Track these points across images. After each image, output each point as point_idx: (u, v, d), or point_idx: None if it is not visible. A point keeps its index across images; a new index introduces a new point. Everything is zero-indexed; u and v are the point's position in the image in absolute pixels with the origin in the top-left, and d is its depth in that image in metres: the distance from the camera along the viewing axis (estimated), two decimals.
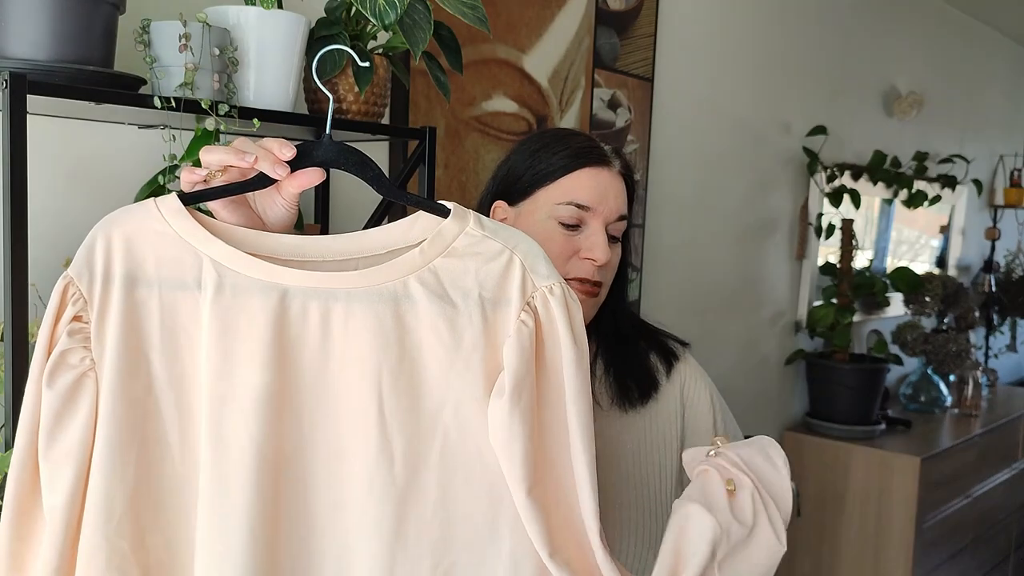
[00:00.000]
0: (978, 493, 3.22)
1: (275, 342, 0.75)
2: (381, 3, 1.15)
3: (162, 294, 0.75)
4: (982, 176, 4.27)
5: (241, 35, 1.19)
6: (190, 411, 0.75)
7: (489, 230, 0.81)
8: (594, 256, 1.07)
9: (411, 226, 0.82)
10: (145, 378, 0.75)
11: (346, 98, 1.32)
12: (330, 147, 0.81)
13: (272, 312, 0.75)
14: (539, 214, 1.10)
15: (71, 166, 1.33)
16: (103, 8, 1.08)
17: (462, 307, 0.78)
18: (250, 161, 0.78)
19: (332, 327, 0.76)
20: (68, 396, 0.73)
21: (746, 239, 2.95)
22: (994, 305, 4.34)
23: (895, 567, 2.85)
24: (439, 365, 0.77)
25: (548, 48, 2.13)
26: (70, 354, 0.73)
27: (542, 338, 0.79)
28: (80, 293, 0.73)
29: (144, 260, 0.75)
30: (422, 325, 0.77)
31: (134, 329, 0.74)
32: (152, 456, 0.75)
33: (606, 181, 1.10)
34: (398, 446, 0.76)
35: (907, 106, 3.59)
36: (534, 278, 0.79)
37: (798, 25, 3.05)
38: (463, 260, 0.79)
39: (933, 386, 3.47)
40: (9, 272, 0.99)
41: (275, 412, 0.75)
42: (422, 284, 0.78)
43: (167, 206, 0.77)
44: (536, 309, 0.79)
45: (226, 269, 0.75)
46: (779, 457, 0.90)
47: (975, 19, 4.20)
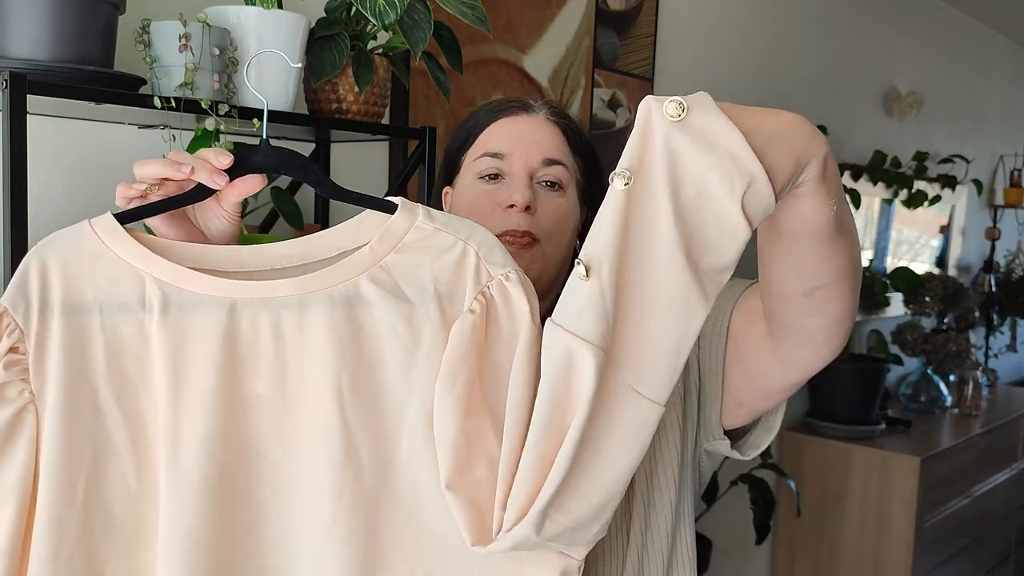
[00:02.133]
0: (978, 493, 3.22)
1: (227, 357, 0.73)
2: (381, 3, 1.15)
3: (104, 318, 0.72)
4: (982, 176, 4.27)
5: (241, 35, 1.19)
6: (144, 434, 0.73)
7: (440, 222, 0.78)
8: (513, 200, 0.99)
9: (359, 225, 0.79)
10: (92, 405, 0.72)
11: (346, 98, 1.32)
12: (268, 152, 0.79)
13: (222, 327, 0.73)
14: (465, 179, 1.05)
15: (71, 166, 1.33)
16: (103, 8, 1.08)
17: (418, 303, 0.75)
18: (186, 172, 0.76)
19: (285, 336, 0.74)
20: (6, 432, 0.69)
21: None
22: (994, 305, 4.34)
23: (895, 567, 2.85)
24: (399, 364, 0.75)
25: (548, 48, 2.13)
26: (7, 388, 0.70)
27: (496, 324, 0.76)
28: (16, 323, 0.70)
29: (82, 284, 0.72)
30: (378, 325, 0.75)
31: (77, 356, 0.71)
32: (105, 483, 0.72)
33: (524, 125, 1.03)
34: (365, 451, 0.74)
35: (907, 106, 3.59)
36: (489, 268, 0.77)
37: (798, 25, 3.05)
38: (416, 254, 0.77)
39: (933, 386, 3.47)
40: (9, 272, 0.99)
41: (232, 428, 0.73)
42: (375, 283, 0.75)
43: (102, 226, 0.74)
44: (491, 297, 0.76)
45: (170, 287, 0.73)
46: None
47: (975, 19, 4.20)
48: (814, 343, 0.86)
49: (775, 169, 0.66)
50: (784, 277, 0.81)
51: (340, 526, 0.74)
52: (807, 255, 0.77)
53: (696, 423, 1.02)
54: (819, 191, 0.70)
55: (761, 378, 0.94)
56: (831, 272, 0.78)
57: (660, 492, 1.01)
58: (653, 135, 0.65)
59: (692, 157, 0.64)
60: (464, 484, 0.73)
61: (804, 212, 0.72)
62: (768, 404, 0.98)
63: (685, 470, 1.02)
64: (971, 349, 3.47)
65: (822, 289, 0.79)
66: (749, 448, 1.02)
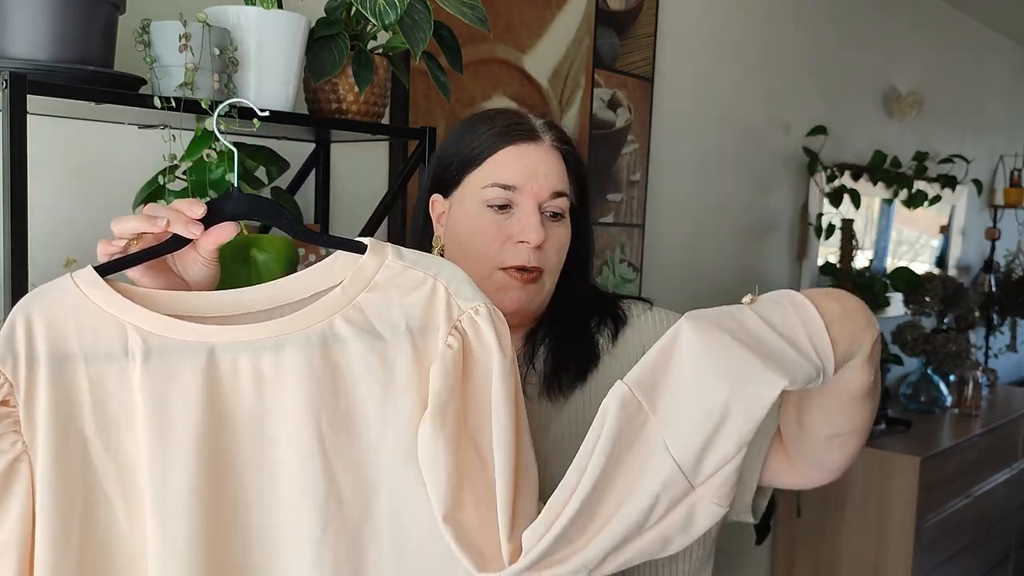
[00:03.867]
0: (978, 493, 3.22)
1: (208, 401, 0.75)
2: (381, 3, 1.15)
3: (89, 368, 0.74)
4: (982, 176, 4.27)
5: (241, 35, 1.19)
6: (133, 478, 0.75)
7: (409, 260, 0.81)
8: (527, 238, 1.02)
9: (330, 267, 0.82)
10: (81, 452, 0.74)
11: (346, 98, 1.32)
12: (240, 200, 0.82)
13: (202, 371, 0.75)
14: (468, 201, 1.05)
15: (71, 166, 1.33)
16: (103, 8, 1.08)
17: (390, 339, 0.78)
18: (162, 225, 0.79)
19: (264, 378, 0.77)
20: (2, 483, 0.72)
21: (746, 239, 2.95)
22: (994, 305, 4.34)
23: (895, 567, 2.85)
24: (375, 399, 0.78)
25: (548, 48, 2.13)
26: (0, 440, 0.72)
27: (473, 357, 0.79)
28: (4, 378, 0.73)
29: (67, 336, 0.74)
30: (353, 362, 0.78)
31: (64, 406, 0.74)
32: (98, 528, 0.75)
33: (534, 157, 1.04)
34: (346, 485, 0.77)
35: (907, 106, 3.59)
36: (459, 302, 0.80)
37: (798, 25, 3.05)
38: (386, 292, 0.80)
39: (933, 386, 3.47)
40: (9, 272, 0.99)
41: (216, 469, 0.76)
42: (348, 322, 0.78)
43: (83, 279, 0.77)
44: (464, 331, 0.79)
45: (151, 334, 0.75)
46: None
47: (975, 19, 4.20)
48: (824, 470, 1.01)
49: (837, 342, 0.77)
50: (814, 422, 0.92)
51: (325, 559, 0.77)
52: (839, 409, 0.89)
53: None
54: (865, 366, 0.81)
55: (770, 477, 1.05)
56: (855, 423, 0.91)
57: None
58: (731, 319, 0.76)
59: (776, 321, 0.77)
60: (459, 515, 0.76)
61: (847, 378, 0.82)
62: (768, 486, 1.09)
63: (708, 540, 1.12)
64: (971, 349, 3.46)
65: (844, 435, 0.93)
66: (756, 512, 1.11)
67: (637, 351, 1.08)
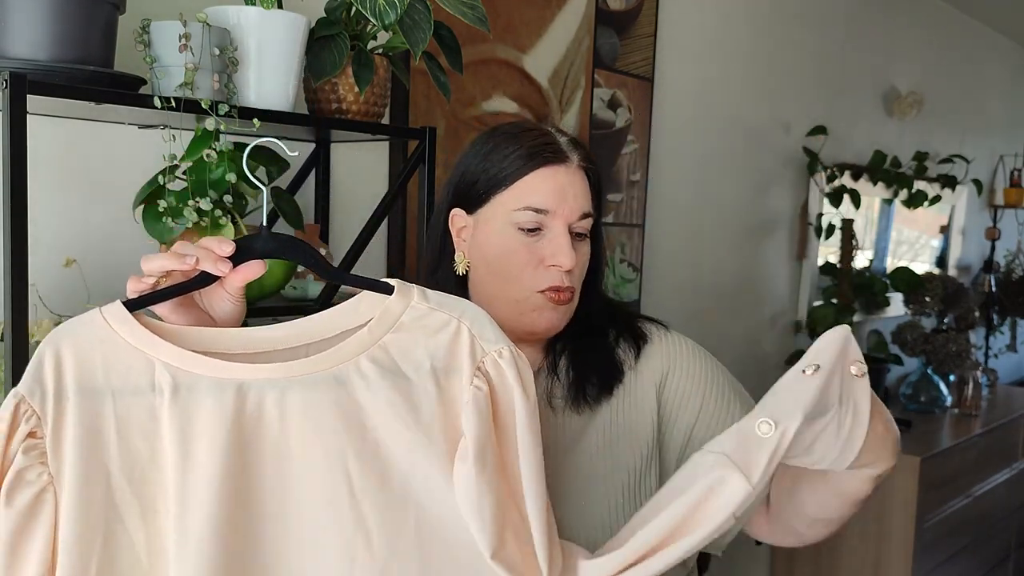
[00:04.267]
0: (978, 493, 3.22)
1: (234, 438, 0.76)
2: (381, 3, 1.15)
3: (116, 402, 0.75)
4: (982, 176, 4.27)
5: (241, 35, 1.19)
6: (155, 514, 0.76)
7: (434, 302, 0.83)
8: (559, 262, 1.03)
9: (356, 307, 0.83)
10: (105, 486, 0.75)
11: (346, 98, 1.32)
12: (269, 240, 0.84)
13: (228, 408, 0.76)
14: (497, 222, 1.05)
15: (71, 166, 1.33)
16: (103, 8, 1.08)
17: (415, 379, 0.80)
18: (191, 263, 0.80)
19: (290, 416, 0.77)
20: (28, 513, 0.73)
21: (746, 239, 2.95)
22: (994, 305, 4.34)
23: (895, 567, 2.85)
24: (401, 439, 0.79)
25: (548, 48, 2.13)
26: (27, 471, 0.73)
27: (496, 400, 0.81)
28: (33, 410, 0.74)
29: (95, 370, 0.75)
30: (379, 401, 0.79)
31: (90, 440, 0.75)
32: (118, 566, 0.75)
33: (564, 179, 1.04)
34: (373, 522, 0.78)
35: (907, 106, 3.59)
36: (483, 344, 0.82)
37: (798, 25, 3.05)
38: (412, 334, 0.81)
39: (933, 386, 3.47)
40: (9, 272, 0.99)
41: (239, 507, 0.76)
42: (373, 362, 0.80)
43: (112, 314, 0.78)
44: (488, 373, 0.81)
45: (179, 371, 0.76)
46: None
47: (975, 19, 4.20)
48: (798, 540, 1.10)
49: (864, 452, 0.85)
50: (804, 502, 1.00)
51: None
52: (832, 502, 0.97)
53: None
54: (871, 480, 0.91)
55: (747, 527, 1.12)
56: (842, 515, 1.00)
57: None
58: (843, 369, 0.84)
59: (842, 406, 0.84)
60: (504, 552, 0.78)
61: (853, 484, 0.92)
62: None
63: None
64: (971, 349, 3.46)
65: (828, 522, 1.02)
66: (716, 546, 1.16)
67: (659, 370, 1.12)
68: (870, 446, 0.85)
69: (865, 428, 0.84)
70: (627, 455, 1.10)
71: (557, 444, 1.07)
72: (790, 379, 0.83)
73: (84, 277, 1.28)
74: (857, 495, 0.93)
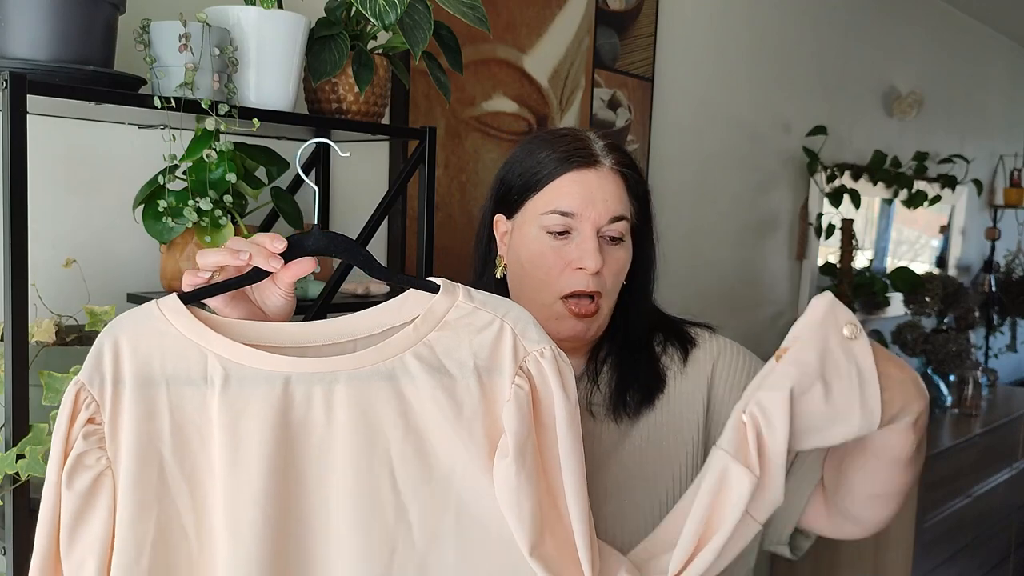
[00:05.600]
0: (978, 493, 3.22)
1: (281, 428, 0.79)
2: (381, 3, 1.15)
3: (170, 391, 0.79)
4: (982, 176, 4.27)
5: (241, 35, 1.19)
6: (204, 502, 0.79)
7: (478, 302, 0.85)
8: (584, 265, 1.03)
9: (402, 304, 0.86)
10: (158, 473, 0.78)
11: (346, 98, 1.32)
12: (320, 237, 0.86)
13: (277, 400, 0.79)
14: (528, 227, 1.07)
15: (71, 166, 1.33)
16: (103, 8, 1.08)
17: (459, 377, 0.82)
18: (245, 259, 0.83)
19: (336, 409, 0.80)
20: (87, 495, 0.76)
21: (746, 239, 2.95)
22: (994, 305, 4.34)
23: (895, 567, 2.85)
24: (443, 434, 0.81)
25: (548, 48, 2.13)
26: (87, 456, 0.77)
27: (538, 399, 0.83)
28: (92, 397, 0.77)
29: (150, 360, 0.79)
30: (423, 397, 0.81)
31: (146, 427, 0.78)
32: (170, 548, 0.78)
33: (593, 183, 1.05)
34: (415, 514, 0.80)
35: (907, 106, 3.59)
36: (525, 343, 0.83)
37: (798, 25, 3.05)
38: (456, 332, 0.83)
39: (933, 386, 3.47)
40: (9, 272, 0.99)
41: (286, 495, 0.79)
42: (418, 359, 0.82)
43: (168, 307, 0.81)
44: (529, 372, 0.83)
45: (230, 363, 0.79)
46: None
47: (975, 19, 4.20)
48: (860, 526, 1.05)
49: (887, 403, 0.83)
50: (855, 480, 0.98)
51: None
52: (880, 470, 0.94)
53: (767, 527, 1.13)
54: (908, 433, 0.88)
55: (808, 522, 1.10)
56: (895, 486, 0.97)
57: None
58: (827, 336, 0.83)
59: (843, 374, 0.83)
60: (543, 549, 0.80)
61: (891, 442, 0.89)
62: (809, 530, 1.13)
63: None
64: (971, 349, 3.46)
65: (883, 496, 0.99)
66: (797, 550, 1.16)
67: (707, 373, 1.12)
68: (891, 393, 0.83)
69: (876, 384, 0.82)
70: (668, 462, 1.09)
71: (594, 451, 1.06)
72: (771, 362, 0.83)
73: (84, 277, 1.28)
74: (902, 452, 0.90)
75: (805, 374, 0.81)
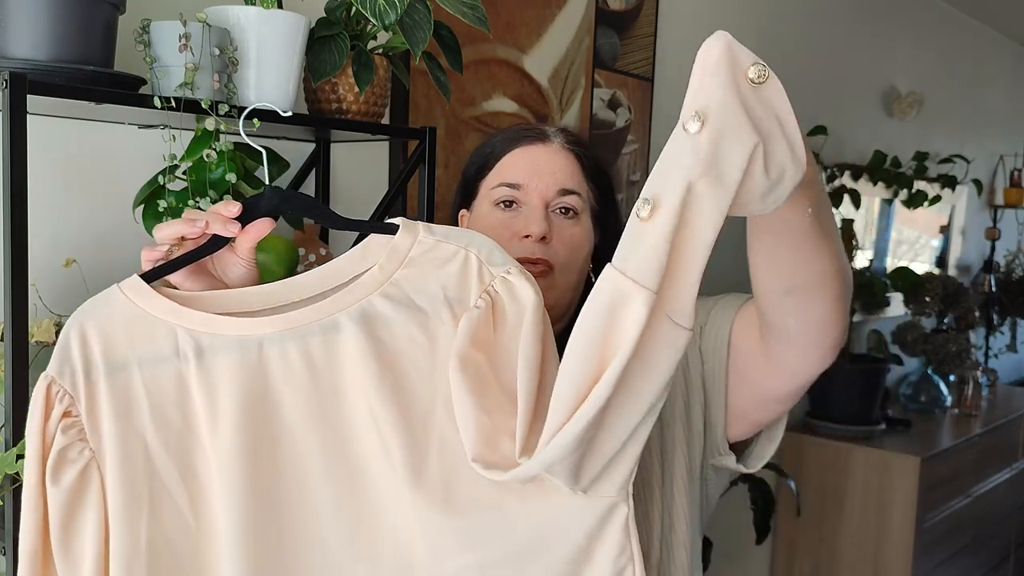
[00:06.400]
0: (978, 493, 3.22)
1: (261, 391, 0.78)
2: (381, 3, 1.15)
3: (144, 372, 0.77)
4: (982, 176, 4.27)
5: (241, 35, 1.19)
6: (196, 477, 0.78)
7: (440, 234, 0.84)
8: (530, 231, 1.03)
9: (365, 249, 0.85)
10: (143, 456, 0.77)
11: (346, 98, 1.32)
12: (273, 197, 0.85)
13: (253, 363, 0.78)
14: (482, 206, 1.08)
15: (71, 166, 1.33)
16: (103, 8, 1.08)
17: (430, 311, 0.81)
18: (201, 226, 0.82)
19: (314, 362, 0.79)
20: (76, 490, 0.75)
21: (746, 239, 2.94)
22: (994, 305, 4.34)
23: (895, 567, 2.85)
24: (421, 370, 0.80)
25: (548, 48, 2.13)
26: (69, 449, 0.76)
27: (504, 316, 0.81)
28: (64, 390, 0.76)
29: (119, 344, 0.78)
30: (396, 336, 0.80)
31: (124, 412, 0.77)
32: (164, 527, 0.78)
33: (541, 156, 1.06)
34: (398, 456, 0.78)
35: (907, 106, 3.59)
36: (491, 268, 0.82)
37: (798, 25, 3.05)
38: (422, 267, 0.82)
39: (933, 386, 3.47)
40: (9, 272, 0.99)
41: (276, 452, 0.78)
42: (387, 298, 0.81)
43: (130, 287, 0.80)
44: (495, 292, 0.81)
45: (201, 334, 0.78)
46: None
47: (975, 19, 4.20)
48: (797, 348, 0.89)
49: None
50: (762, 272, 0.84)
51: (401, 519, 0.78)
52: (782, 252, 0.80)
53: (703, 439, 1.04)
54: (797, 196, 0.72)
55: (758, 387, 0.98)
56: (807, 274, 0.81)
57: (676, 511, 1.03)
58: (730, 85, 0.65)
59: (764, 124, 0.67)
60: (492, 457, 0.76)
61: (780, 210, 0.73)
62: (768, 415, 1.01)
63: (694, 487, 1.05)
64: (971, 349, 3.47)
65: (800, 291, 0.83)
66: (754, 460, 1.05)
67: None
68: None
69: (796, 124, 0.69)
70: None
71: None
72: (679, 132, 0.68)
73: (84, 277, 1.28)
74: (795, 224, 0.76)
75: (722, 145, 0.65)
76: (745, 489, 2.53)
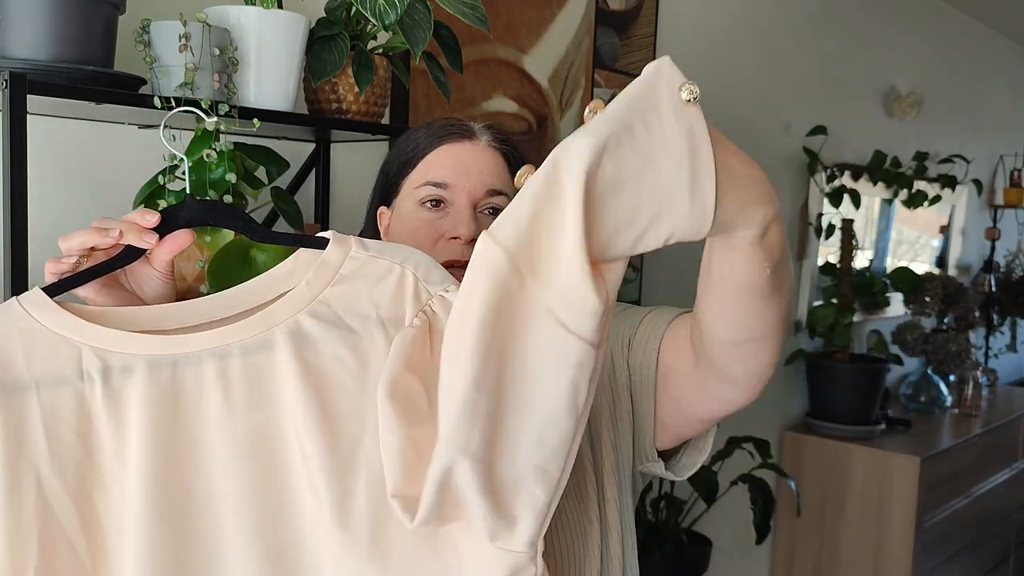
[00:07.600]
0: (978, 493, 3.22)
1: (176, 415, 0.72)
2: (381, 3, 1.15)
3: (41, 395, 0.69)
4: (982, 176, 4.27)
5: (241, 35, 1.19)
6: (95, 515, 0.71)
7: (374, 250, 0.78)
8: (458, 233, 0.99)
9: (292, 267, 0.79)
10: (36, 490, 0.69)
11: (346, 98, 1.32)
12: (195, 206, 0.79)
13: (165, 385, 0.71)
14: (405, 205, 1.04)
15: (71, 166, 1.33)
16: (103, 8, 1.08)
17: (362, 331, 0.75)
18: (114, 236, 0.75)
19: (232, 384, 0.73)
20: None
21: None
22: (994, 305, 4.34)
23: (895, 567, 2.85)
24: (350, 393, 0.74)
25: (548, 48, 2.13)
26: None
27: (441, 334, 0.73)
28: None
29: (14, 363, 0.70)
30: (324, 358, 0.74)
31: (15, 440, 0.68)
32: (57, 568, 0.69)
33: (468, 154, 1.02)
34: (321, 485, 0.72)
35: (907, 106, 3.59)
36: (428, 287, 0.77)
37: (798, 25, 3.05)
38: (354, 284, 0.77)
39: (933, 386, 3.47)
40: (9, 272, 0.99)
41: (189, 482, 0.72)
42: (315, 317, 0.75)
43: (31, 301, 0.72)
44: (433, 312, 0.76)
45: (109, 353, 0.71)
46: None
47: (975, 19, 4.20)
48: (737, 387, 0.87)
49: (723, 197, 0.65)
50: (713, 324, 0.80)
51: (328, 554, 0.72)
52: (735, 307, 0.76)
53: (631, 446, 1.02)
54: (755, 252, 0.69)
55: (688, 408, 0.95)
56: (759, 327, 0.78)
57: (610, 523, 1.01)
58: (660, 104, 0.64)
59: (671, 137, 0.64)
60: (412, 491, 0.70)
61: (736, 263, 0.71)
62: (693, 432, 1.00)
63: (624, 495, 1.03)
64: (971, 349, 3.47)
65: (750, 343, 0.80)
66: (682, 469, 1.02)
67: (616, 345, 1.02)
68: (729, 187, 0.65)
69: (711, 163, 0.64)
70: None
71: None
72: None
73: None
74: (752, 278, 0.72)
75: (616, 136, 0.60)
76: (745, 489, 2.53)
